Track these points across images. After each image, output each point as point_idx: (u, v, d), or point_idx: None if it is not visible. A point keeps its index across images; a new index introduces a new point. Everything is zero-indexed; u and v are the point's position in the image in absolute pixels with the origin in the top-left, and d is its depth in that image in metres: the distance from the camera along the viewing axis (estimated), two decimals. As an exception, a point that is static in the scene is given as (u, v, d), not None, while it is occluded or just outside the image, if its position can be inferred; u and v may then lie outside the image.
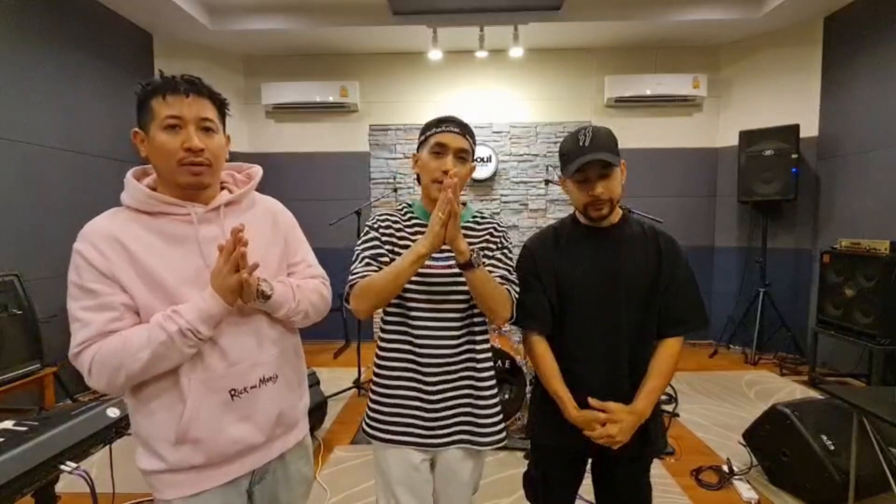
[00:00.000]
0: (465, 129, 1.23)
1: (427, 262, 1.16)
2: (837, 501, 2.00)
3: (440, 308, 1.22)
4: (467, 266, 1.11)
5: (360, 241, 1.25)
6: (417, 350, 1.22)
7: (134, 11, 3.90)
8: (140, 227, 0.97)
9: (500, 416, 1.29)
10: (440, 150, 1.19)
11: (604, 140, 1.22)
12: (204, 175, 0.99)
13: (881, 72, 3.59)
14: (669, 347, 1.29)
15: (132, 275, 0.93)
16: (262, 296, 1.00)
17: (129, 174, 1.03)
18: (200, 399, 0.96)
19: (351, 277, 1.19)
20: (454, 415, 1.24)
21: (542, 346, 1.32)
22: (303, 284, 1.13)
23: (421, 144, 1.25)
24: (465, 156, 1.21)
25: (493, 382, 1.29)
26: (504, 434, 1.29)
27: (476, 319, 1.28)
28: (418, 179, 1.27)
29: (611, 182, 1.23)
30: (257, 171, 1.16)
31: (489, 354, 1.30)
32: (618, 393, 1.27)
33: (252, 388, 1.03)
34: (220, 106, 1.04)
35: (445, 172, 1.15)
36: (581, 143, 1.21)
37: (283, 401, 1.10)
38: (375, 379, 1.27)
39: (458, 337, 1.23)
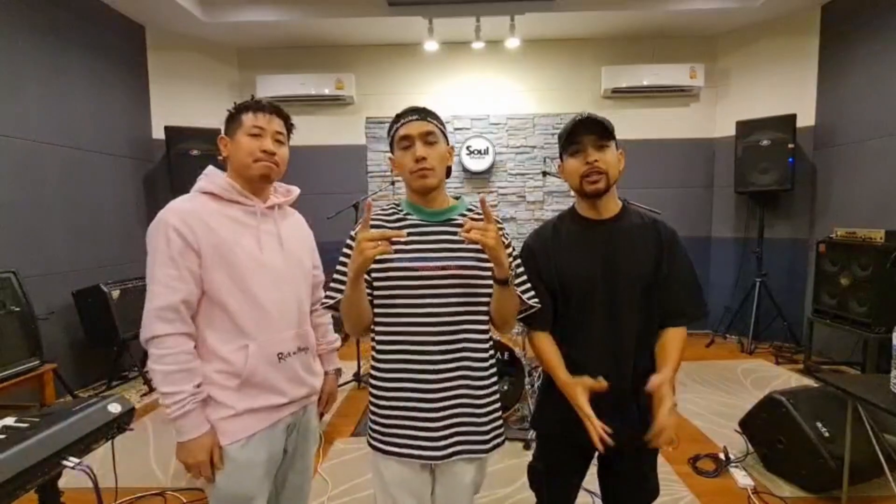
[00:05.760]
0: (424, 114, 1.20)
1: (417, 264, 1.14)
2: (832, 487, 2.04)
3: (433, 312, 1.15)
4: (503, 282, 1.10)
5: (342, 257, 1.21)
6: (413, 357, 1.16)
7: (125, 3, 3.85)
8: (216, 207, 1.22)
9: (500, 419, 1.26)
10: (407, 143, 1.18)
11: (600, 118, 1.25)
12: (272, 172, 1.27)
13: (877, 61, 3.59)
14: (677, 333, 1.30)
15: (208, 245, 1.16)
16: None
17: (212, 168, 1.28)
18: (257, 358, 1.22)
19: (328, 293, 1.22)
20: (454, 424, 1.18)
21: (546, 342, 1.31)
22: (326, 321, 1.52)
23: (392, 147, 1.24)
24: (432, 138, 1.18)
25: (493, 381, 1.24)
26: (504, 438, 1.26)
27: (472, 318, 1.20)
28: None
29: (606, 154, 1.24)
30: (296, 190, 1.44)
31: (489, 354, 1.24)
32: (620, 384, 1.26)
33: (293, 353, 1.30)
34: (289, 126, 1.35)
35: (419, 160, 1.15)
36: (577, 120, 1.25)
37: (310, 368, 1.38)
38: (373, 391, 1.23)
39: (454, 342, 1.17)
